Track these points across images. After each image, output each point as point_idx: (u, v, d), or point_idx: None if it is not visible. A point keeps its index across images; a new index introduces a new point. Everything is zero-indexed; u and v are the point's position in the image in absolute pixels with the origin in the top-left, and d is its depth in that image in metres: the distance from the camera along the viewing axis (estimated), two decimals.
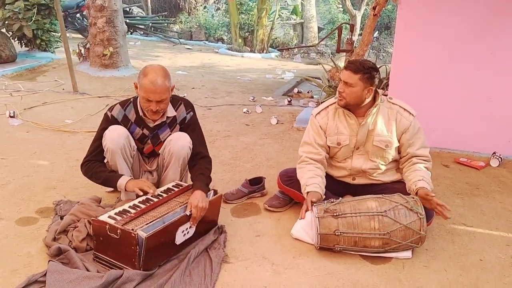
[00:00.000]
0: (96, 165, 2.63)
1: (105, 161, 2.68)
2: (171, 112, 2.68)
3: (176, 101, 2.72)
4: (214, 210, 2.53)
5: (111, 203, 2.79)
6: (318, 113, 2.77)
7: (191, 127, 2.75)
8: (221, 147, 4.02)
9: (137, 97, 2.66)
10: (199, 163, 2.67)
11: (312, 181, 2.57)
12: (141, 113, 2.65)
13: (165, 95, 2.52)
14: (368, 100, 2.60)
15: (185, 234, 2.32)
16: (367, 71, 2.53)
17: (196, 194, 2.40)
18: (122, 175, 2.59)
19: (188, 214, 2.31)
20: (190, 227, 2.33)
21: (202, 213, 2.36)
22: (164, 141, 2.72)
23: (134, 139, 2.70)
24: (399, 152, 2.73)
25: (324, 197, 2.54)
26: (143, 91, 2.48)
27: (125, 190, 2.55)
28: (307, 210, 2.48)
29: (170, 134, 2.72)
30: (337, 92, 2.66)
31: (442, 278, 2.25)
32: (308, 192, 2.53)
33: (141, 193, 2.45)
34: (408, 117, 2.65)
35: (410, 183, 2.55)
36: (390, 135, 2.64)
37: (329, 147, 2.73)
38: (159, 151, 2.74)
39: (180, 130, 2.73)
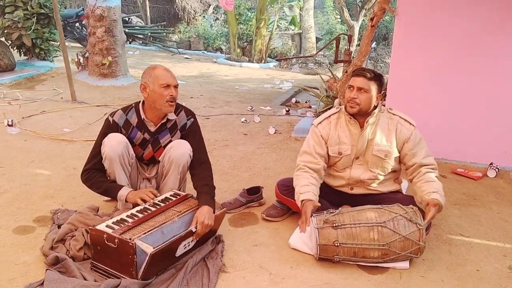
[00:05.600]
0: (96, 175, 2.63)
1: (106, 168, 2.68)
2: (171, 115, 2.70)
3: (177, 107, 2.75)
4: (217, 224, 2.53)
5: (108, 212, 2.79)
6: (320, 122, 2.78)
7: (192, 133, 2.77)
8: (219, 156, 4.02)
9: (139, 102, 2.69)
10: (200, 170, 2.68)
11: (305, 189, 2.56)
12: (143, 117, 2.67)
13: (177, 82, 2.64)
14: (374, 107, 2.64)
15: (185, 247, 2.31)
16: (377, 78, 2.60)
17: (203, 210, 2.40)
18: (123, 186, 2.60)
19: (193, 231, 2.30)
20: (191, 240, 2.33)
21: (206, 230, 2.36)
22: (164, 146, 2.73)
23: (135, 144, 2.71)
24: (400, 163, 2.74)
25: (319, 204, 2.53)
26: (161, 79, 2.56)
27: (126, 201, 2.55)
28: (306, 222, 2.44)
29: (171, 140, 2.73)
30: (344, 99, 2.66)
31: None
32: (302, 201, 2.52)
33: (144, 204, 2.46)
34: (409, 127, 2.66)
35: (423, 193, 2.54)
36: (390, 145, 2.65)
37: (329, 156, 2.73)
38: (159, 158, 2.75)
39: (182, 136, 2.75)
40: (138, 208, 2.42)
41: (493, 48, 3.73)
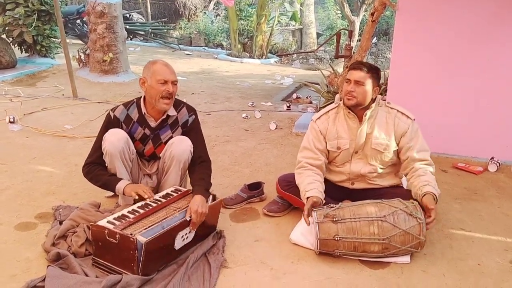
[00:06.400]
0: (97, 168, 2.64)
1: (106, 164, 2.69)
2: (171, 111, 2.70)
3: (179, 103, 2.76)
4: (213, 215, 2.54)
5: (110, 208, 2.79)
6: (318, 118, 2.78)
7: (194, 130, 2.77)
8: (220, 152, 4.03)
9: (140, 97, 2.70)
10: (199, 167, 2.69)
11: (311, 186, 2.57)
12: (144, 111, 2.67)
13: (176, 78, 2.62)
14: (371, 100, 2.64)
15: (184, 239, 2.32)
16: (374, 71, 2.61)
17: (196, 199, 2.41)
18: (121, 179, 2.60)
19: (188, 219, 2.31)
20: (189, 232, 2.34)
21: (201, 218, 2.36)
22: (164, 143, 2.74)
23: (136, 140, 2.72)
24: (398, 157, 2.73)
25: (324, 201, 2.54)
26: (158, 74, 2.55)
27: (123, 194, 2.56)
28: (308, 215, 2.45)
29: (171, 136, 2.74)
30: (342, 93, 2.67)
31: (441, 283, 2.26)
32: (308, 198, 2.53)
33: (136, 197, 2.46)
34: (406, 120, 2.66)
35: (416, 189, 2.52)
36: (388, 138, 2.65)
37: (328, 151, 2.74)
38: (160, 155, 2.75)
39: (183, 133, 2.75)
40: (139, 204, 2.43)
41: (495, 42, 3.72)
